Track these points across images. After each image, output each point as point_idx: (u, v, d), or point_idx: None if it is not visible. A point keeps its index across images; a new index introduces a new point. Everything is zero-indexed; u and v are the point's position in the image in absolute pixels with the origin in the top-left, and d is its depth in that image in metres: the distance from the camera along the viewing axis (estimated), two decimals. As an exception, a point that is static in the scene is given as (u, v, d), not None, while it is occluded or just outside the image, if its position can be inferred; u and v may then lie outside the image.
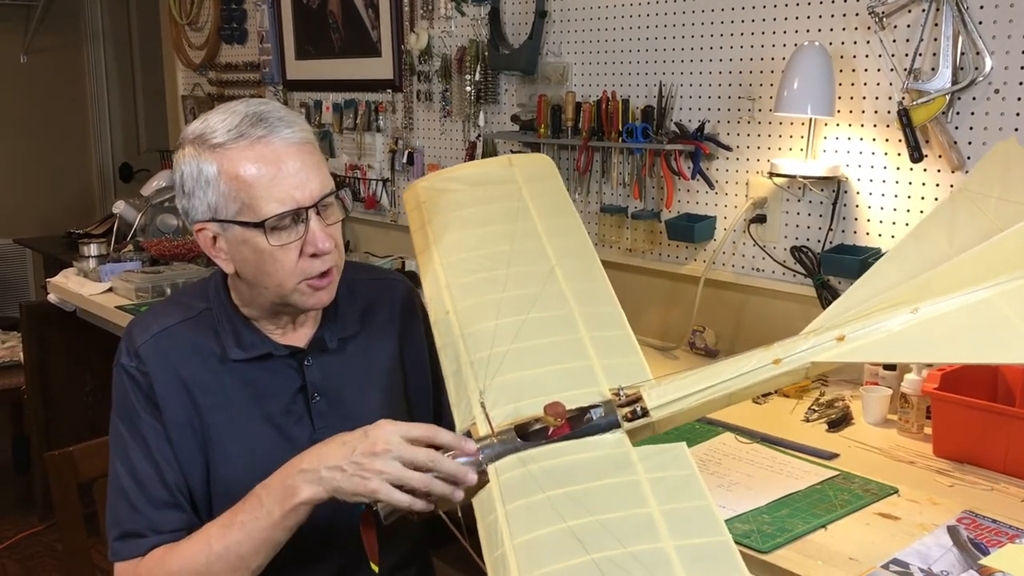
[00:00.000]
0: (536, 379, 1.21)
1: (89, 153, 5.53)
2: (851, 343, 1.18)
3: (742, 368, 1.19)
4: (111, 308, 2.70)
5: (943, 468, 1.56)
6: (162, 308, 1.37)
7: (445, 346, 1.29)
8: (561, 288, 1.34)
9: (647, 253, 2.40)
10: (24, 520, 3.40)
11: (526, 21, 2.62)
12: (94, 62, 5.45)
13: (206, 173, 1.21)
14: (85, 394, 3.25)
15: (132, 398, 1.29)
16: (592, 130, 2.40)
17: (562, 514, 1.03)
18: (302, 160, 1.22)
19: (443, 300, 1.34)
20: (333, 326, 1.36)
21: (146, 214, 3.47)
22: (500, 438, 1.14)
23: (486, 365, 1.23)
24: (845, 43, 1.96)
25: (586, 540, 1.00)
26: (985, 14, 1.75)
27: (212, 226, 1.24)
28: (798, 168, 2.01)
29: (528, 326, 1.27)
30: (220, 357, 1.31)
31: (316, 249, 1.23)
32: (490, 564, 1.02)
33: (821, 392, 1.93)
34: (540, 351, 1.25)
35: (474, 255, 1.39)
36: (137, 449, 1.28)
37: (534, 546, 1.01)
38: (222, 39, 3.97)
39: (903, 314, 1.18)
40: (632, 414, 1.17)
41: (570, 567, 0.97)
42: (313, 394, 1.33)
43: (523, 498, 1.07)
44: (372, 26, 3.19)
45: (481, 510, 1.10)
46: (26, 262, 5.09)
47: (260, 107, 1.23)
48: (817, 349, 1.19)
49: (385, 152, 3.24)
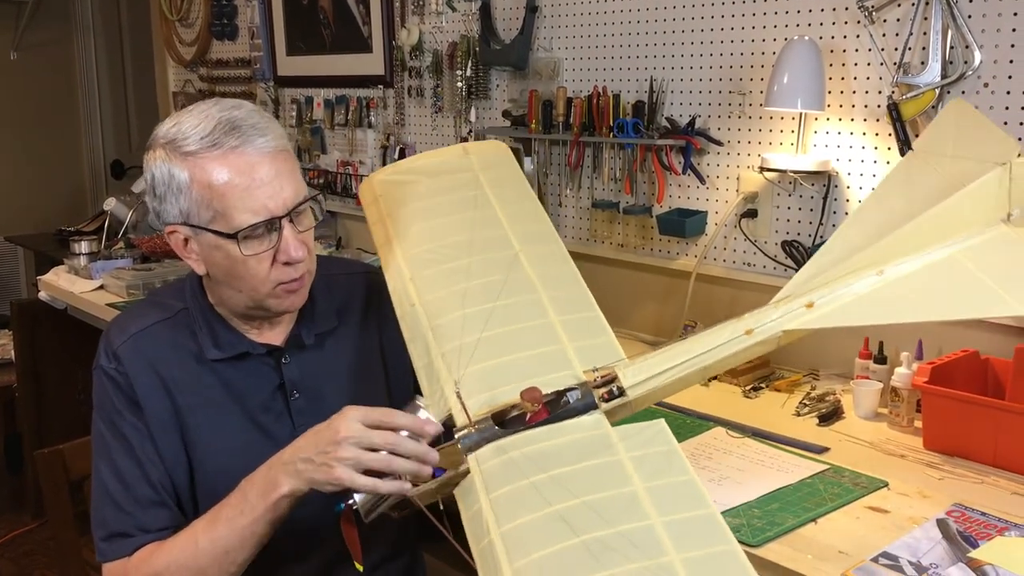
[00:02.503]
0: (509, 366, 1.21)
1: (80, 150, 5.51)
2: (820, 309, 1.20)
3: (715, 341, 1.21)
4: (102, 305, 2.70)
5: (933, 461, 1.56)
6: (139, 309, 1.37)
7: (414, 339, 1.28)
8: (527, 273, 1.34)
9: (639, 248, 2.40)
10: (16, 518, 3.40)
11: (517, 16, 2.62)
12: (85, 58, 5.43)
13: (178, 179, 1.20)
14: (77, 392, 3.24)
15: (113, 399, 1.28)
16: (583, 125, 2.40)
17: (547, 499, 1.03)
18: (276, 169, 1.21)
19: (408, 293, 1.33)
20: (310, 323, 1.36)
21: (137, 211, 3.46)
22: (478, 427, 1.14)
23: (458, 355, 1.22)
24: (835, 37, 1.96)
25: (574, 523, 1.00)
26: (974, 8, 1.75)
27: (184, 229, 1.24)
28: (789, 162, 2.02)
29: (497, 314, 1.27)
30: (198, 357, 1.31)
31: (289, 258, 1.23)
32: (477, 554, 1.02)
33: (812, 386, 1.93)
34: (511, 338, 1.25)
35: (436, 246, 1.39)
36: (120, 449, 1.27)
37: (522, 532, 1.00)
38: (213, 35, 3.96)
39: (869, 276, 1.21)
40: (609, 394, 1.17)
41: (560, 551, 0.97)
42: (292, 391, 1.34)
43: (506, 486, 1.06)
44: (363, 22, 3.18)
45: (464, 501, 1.09)
46: (17, 260, 5.07)
47: (233, 112, 1.22)
48: (788, 317, 1.21)
49: (377, 148, 3.23)
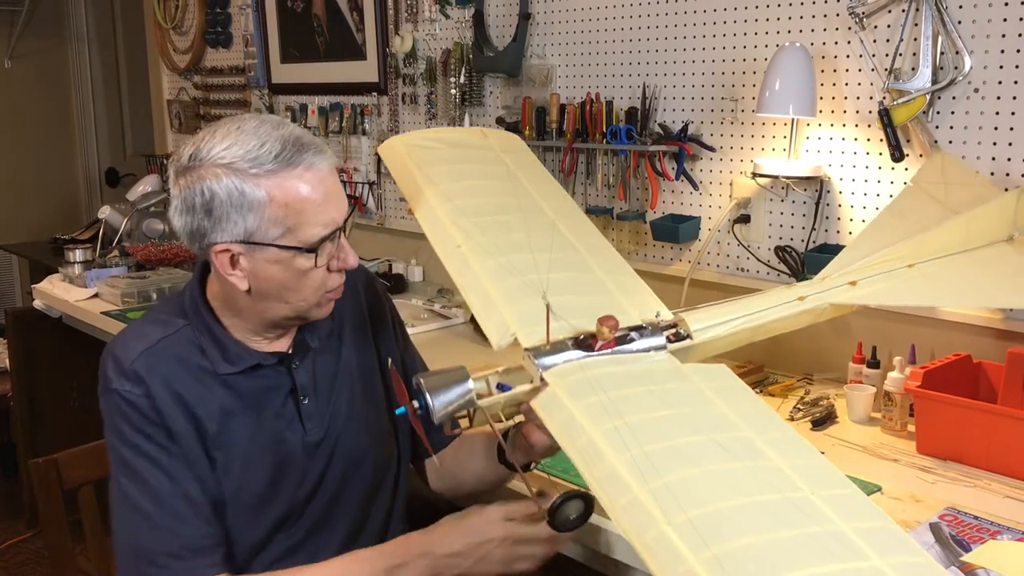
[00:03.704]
0: (575, 305, 1.21)
1: (75, 158, 5.51)
2: (862, 288, 1.32)
3: (771, 302, 1.29)
4: (96, 314, 2.69)
5: (926, 465, 1.57)
6: (138, 329, 1.33)
7: (464, 277, 1.26)
8: (567, 238, 1.36)
9: (632, 254, 2.41)
10: (11, 527, 3.39)
11: (510, 23, 2.63)
12: (79, 67, 5.43)
13: (251, 198, 1.19)
14: (71, 400, 3.23)
15: (133, 422, 1.25)
16: (576, 132, 2.41)
17: (643, 407, 1.02)
18: (336, 182, 1.26)
19: (450, 236, 1.32)
20: (312, 326, 1.37)
21: (132, 219, 3.46)
22: (553, 346, 1.14)
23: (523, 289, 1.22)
24: (826, 43, 1.97)
25: (682, 425, 0.99)
26: (964, 14, 1.76)
27: (239, 247, 1.22)
28: (781, 168, 2.02)
29: (551, 262, 1.27)
30: (209, 371, 1.30)
31: (347, 265, 1.28)
32: (576, 451, 0.98)
33: (806, 391, 1.94)
34: (569, 284, 1.26)
35: (474, 202, 1.38)
36: (150, 470, 1.24)
37: (633, 428, 0.98)
38: (207, 43, 3.96)
39: (901, 268, 1.35)
40: (675, 336, 1.21)
41: (683, 444, 0.95)
42: (302, 396, 1.35)
43: (593, 396, 1.04)
44: (357, 29, 3.19)
45: (547, 412, 1.07)
46: (12, 268, 5.07)
47: (293, 131, 1.24)
48: (835, 292, 1.31)
49: (371, 155, 3.24)
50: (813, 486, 0.92)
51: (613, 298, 1.26)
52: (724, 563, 0.80)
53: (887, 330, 1.92)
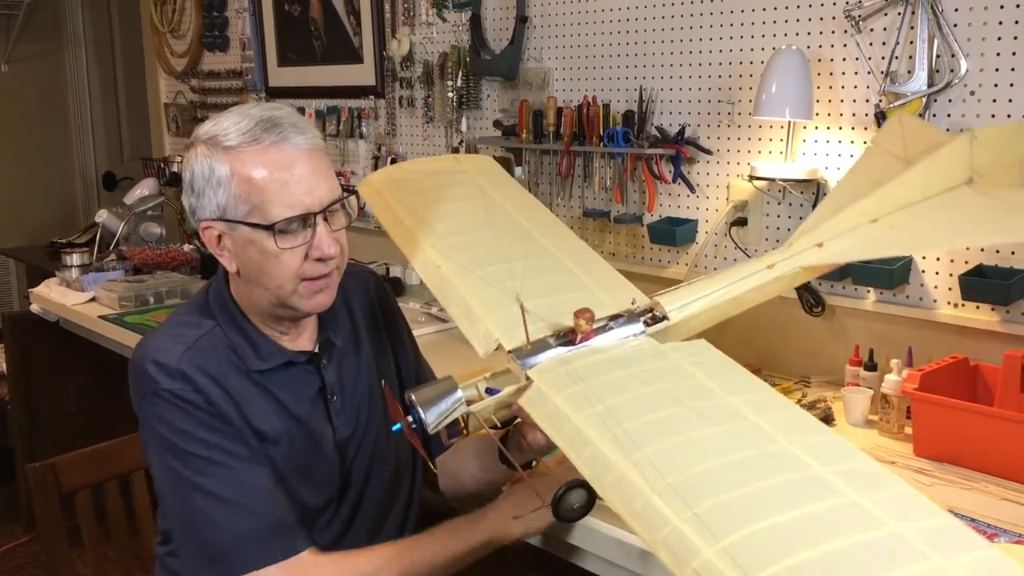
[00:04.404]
0: (551, 305, 1.23)
1: (72, 162, 5.51)
2: (829, 248, 1.33)
3: (742, 273, 1.30)
4: (94, 318, 2.69)
5: (923, 468, 1.57)
6: (170, 331, 1.32)
7: (445, 293, 1.30)
8: (543, 244, 1.39)
9: (630, 257, 2.41)
10: (9, 532, 3.38)
11: (507, 27, 2.63)
12: (76, 70, 5.43)
13: (218, 173, 1.22)
14: (69, 404, 3.23)
15: (196, 417, 1.24)
16: (574, 135, 2.41)
17: (623, 389, 1.05)
18: (312, 166, 1.24)
19: (431, 259, 1.36)
20: (333, 325, 1.39)
21: (129, 223, 3.46)
22: (534, 345, 1.17)
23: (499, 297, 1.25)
24: (822, 46, 1.97)
25: (661, 400, 1.02)
26: (960, 17, 1.77)
27: (219, 225, 1.25)
28: (778, 171, 2.03)
29: (527, 269, 1.31)
30: (244, 369, 1.30)
31: (322, 254, 1.25)
32: (563, 439, 1.02)
33: (803, 394, 1.94)
34: (545, 287, 1.29)
35: (451, 223, 1.42)
36: (229, 459, 1.24)
37: (613, 410, 1.01)
38: (204, 47, 3.96)
39: (865, 224, 1.35)
40: (652, 319, 1.23)
41: (662, 417, 0.99)
42: (331, 394, 1.37)
43: (574, 385, 1.08)
44: (354, 33, 3.19)
45: (534, 407, 1.09)
46: (9, 272, 5.06)
47: (274, 112, 1.25)
48: (803, 255, 1.33)
49: (368, 158, 3.24)
50: (790, 437, 0.96)
51: (591, 293, 1.29)
52: (705, 520, 0.84)
53: (884, 333, 1.92)
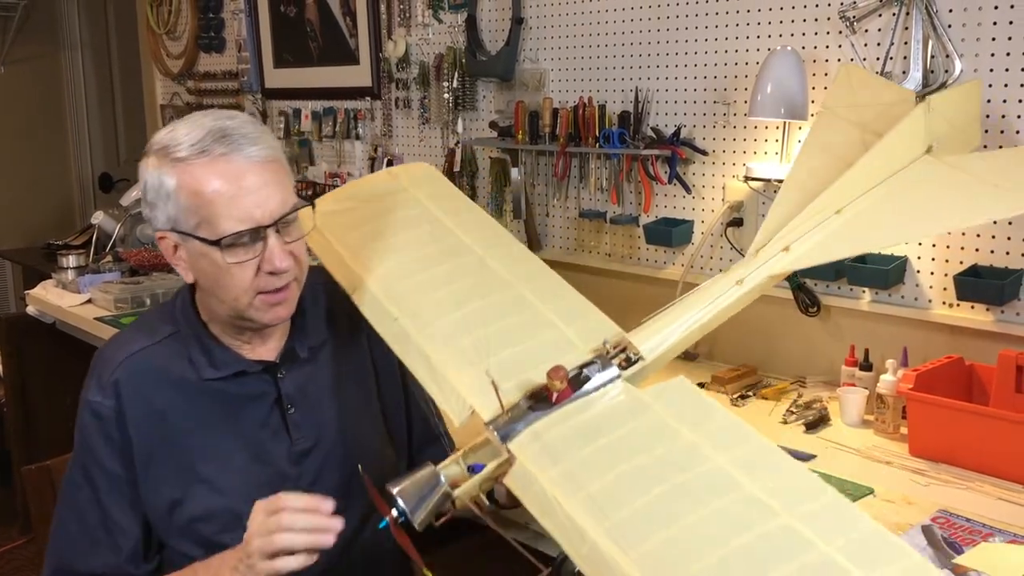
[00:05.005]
0: (518, 357, 1.20)
1: (68, 163, 5.50)
2: (796, 251, 1.30)
3: (711, 296, 1.27)
4: (90, 320, 2.69)
5: (919, 468, 1.57)
6: (125, 335, 1.36)
7: (407, 352, 1.26)
8: (498, 274, 1.34)
9: (626, 258, 2.41)
10: (5, 534, 3.38)
11: (503, 28, 2.63)
12: (72, 72, 5.42)
13: (166, 186, 1.20)
14: (65, 406, 3.21)
15: (91, 440, 1.29)
16: (570, 136, 2.41)
17: (610, 464, 1.03)
18: (264, 178, 1.20)
19: (386, 310, 1.30)
20: (302, 335, 1.36)
21: (125, 224, 3.45)
22: (511, 414, 1.12)
23: (463, 353, 1.21)
24: (817, 47, 1.98)
25: (651, 478, 1.00)
26: (954, 18, 1.77)
27: (172, 236, 1.24)
28: (773, 172, 2.03)
29: (487, 311, 1.26)
30: (192, 379, 1.29)
31: (273, 267, 1.22)
32: (555, 528, 0.99)
33: (799, 394, 1.94)
34: (508, 332, 1.24)
35: (397, 262, 1.36)
36: (87, 492, 1.29)
37: (599, 495, 0.99)
38: (200, 48, 3.96)
39: (830, 218, 1.32)
40: (627, 361, 1.19)
41: (650, 500, 0.97)
42: (288, 406, 1.33)
43: (560, 464, 1.05)
44: (350, 34, 3.19)
45: (519, 486, 1.06)
46: (5, 274, 5.06)
47: (226, 122, 1.22)
48: (771, 264, 1.30)
49: (365, 159, 3.24)
50: (789, 506, 0.94)
51: (557, 330, 1.24)
52: None
53: (880, 333, 1.93)
